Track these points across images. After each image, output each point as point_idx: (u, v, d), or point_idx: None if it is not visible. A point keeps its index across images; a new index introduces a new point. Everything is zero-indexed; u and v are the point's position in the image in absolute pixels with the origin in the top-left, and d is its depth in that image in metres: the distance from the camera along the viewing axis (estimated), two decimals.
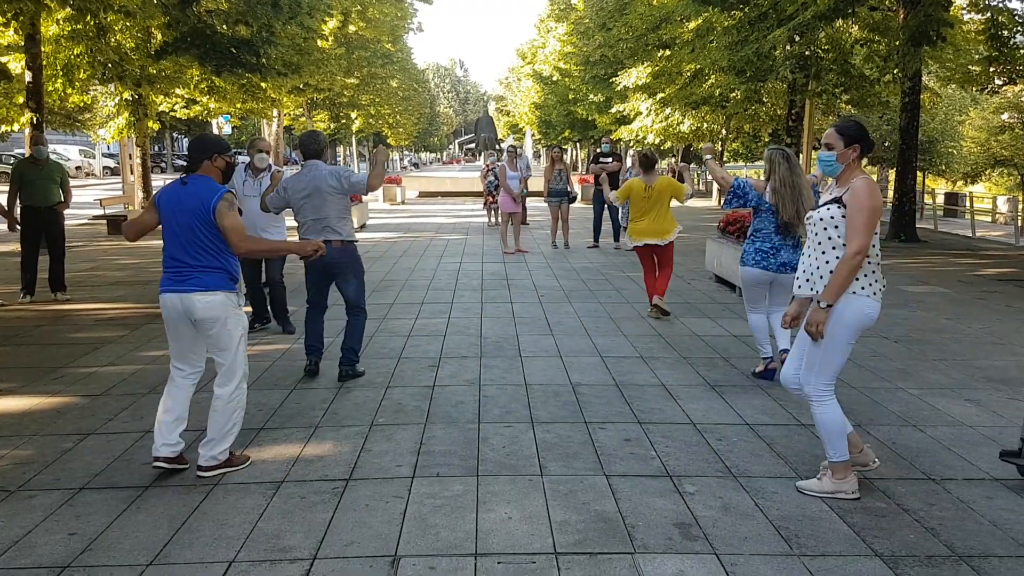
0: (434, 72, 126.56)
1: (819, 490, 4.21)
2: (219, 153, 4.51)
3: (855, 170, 4.12)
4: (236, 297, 4.49)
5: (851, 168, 4.12)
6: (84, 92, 18.91)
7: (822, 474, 4.27)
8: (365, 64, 39.85)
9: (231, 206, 4.37)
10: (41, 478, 4.42)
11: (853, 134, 4.09)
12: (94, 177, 48.96)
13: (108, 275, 11.88)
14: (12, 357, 7.07)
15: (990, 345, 7.68)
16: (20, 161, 9.83)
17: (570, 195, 15.24)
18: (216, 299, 4.37)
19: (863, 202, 3.95)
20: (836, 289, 4.00)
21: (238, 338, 4.47)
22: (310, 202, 6.09)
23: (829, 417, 4.15)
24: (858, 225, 3.95)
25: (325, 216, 6.08)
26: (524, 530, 3.81)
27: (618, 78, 25.56)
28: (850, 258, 3.95)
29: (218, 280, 4.40)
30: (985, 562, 3.54)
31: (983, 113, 39.67)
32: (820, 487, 4.21)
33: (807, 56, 17.90)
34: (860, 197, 3.97)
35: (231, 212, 4.36)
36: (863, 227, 3.94)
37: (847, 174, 4.12)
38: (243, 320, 4.53)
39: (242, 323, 4.51)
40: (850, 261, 3.95)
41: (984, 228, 22.27)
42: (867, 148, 4.12)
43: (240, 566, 3.48)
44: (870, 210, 3.95)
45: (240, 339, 4.49)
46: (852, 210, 3.98)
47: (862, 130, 4.13)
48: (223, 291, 4.40)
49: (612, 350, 7.30)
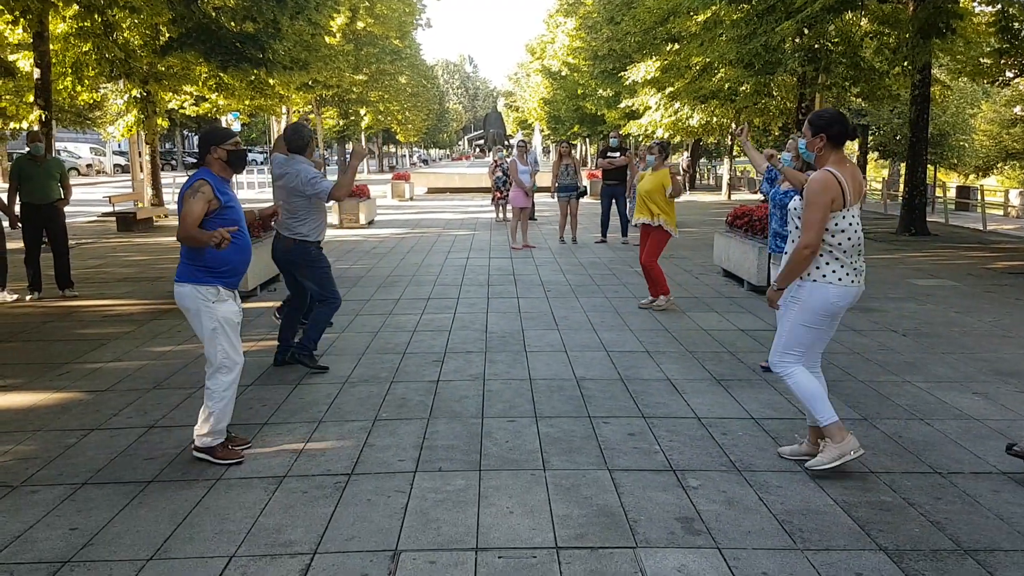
0: (443, 68, 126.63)
1: (827, 461, 4.31)
2: (216, 144, 4.50)
3: (828, 159, 4.29)
4: (210, 290, 4.43)
5: (825, 156, 4.31)
6: (93, 90, 18.96)
7: (823, 445, 4.38)
8: (374, 60, 39.78)
9: (194, 193, 4.36)
10: (44, 473, 4.43)
11: (819, 124, 4.28)
12: (105, 175, 49.16)
13: (116, 272, 11.91)
14: (19, 353, 7.09)
15: (999, 338, 7.61)
16: (19, 158, 9.83)
17: (579, 190, 15.23)
18: (184, 290, 4.46)
19: (811, 197, 4.17)
20: (786, 275, 4.30)
21: (210, 331, 4.45)
22: (280, 192, 6.34)
23: (800, 384, 4.37)
24: (807, 220, 4.18)
25: (286, 211, 6.26)
26: (525, 524, 3.79)
27: (627, 72, 25.45)
28: (799, 251, 4.20)
29: (188, 270, 4.44)
30: (991, 556, 3.51)
31: (995, 106, 39.38)
32: (825, 458, 4.32)
33: (816, 49, 17.77)
34: (810, 192, 4.20)
35: (192, 198, 4.35)
36: (811, 222, 4.16)
37: (821, 165, 4.31)
38: (217, 314, 4.45)
39: (216, 317, 4.44)
40: (799, 253, 4.20)
41: (996, 221, 22.10)
42: (835, 138, 4.28)
43: (240, 560, 3.47)
44: (816, 206, 4.14)
45: (213, 332, 4.45)
46: (804, 204, 4.23)
47: (831, 121, 4.28)
48: (190, 283, 4.43)
49: (617, 344, 7.27)
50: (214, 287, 4.45)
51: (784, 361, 4.42)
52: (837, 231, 4.20)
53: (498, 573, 3.36)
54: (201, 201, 4.37)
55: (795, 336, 4.36)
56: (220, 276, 4.47)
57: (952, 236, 17.91)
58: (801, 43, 17.38)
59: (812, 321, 4.31)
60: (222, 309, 4.47)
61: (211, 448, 4.53)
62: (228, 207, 4.50)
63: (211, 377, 4.52)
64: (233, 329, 4.54)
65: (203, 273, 4.43)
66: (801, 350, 4.39)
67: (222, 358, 4.49)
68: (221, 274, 4.47)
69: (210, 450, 4.52)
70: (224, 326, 4.48)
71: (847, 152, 4.69)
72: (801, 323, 4.32)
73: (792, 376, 4.39)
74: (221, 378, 4.51)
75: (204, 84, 20.65)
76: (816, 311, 4.28)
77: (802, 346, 4.39)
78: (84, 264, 12.43)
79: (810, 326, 4.32)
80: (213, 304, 4.45)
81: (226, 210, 4.49)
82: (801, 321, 4.32)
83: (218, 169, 4.53)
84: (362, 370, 6.48)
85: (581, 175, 15.99)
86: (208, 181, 4.43)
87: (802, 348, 4.39)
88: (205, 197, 4.39)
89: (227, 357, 4.51)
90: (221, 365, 4.50)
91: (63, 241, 9.88)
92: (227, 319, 4.49)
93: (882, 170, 43.73)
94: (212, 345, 4.48)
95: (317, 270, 6.46)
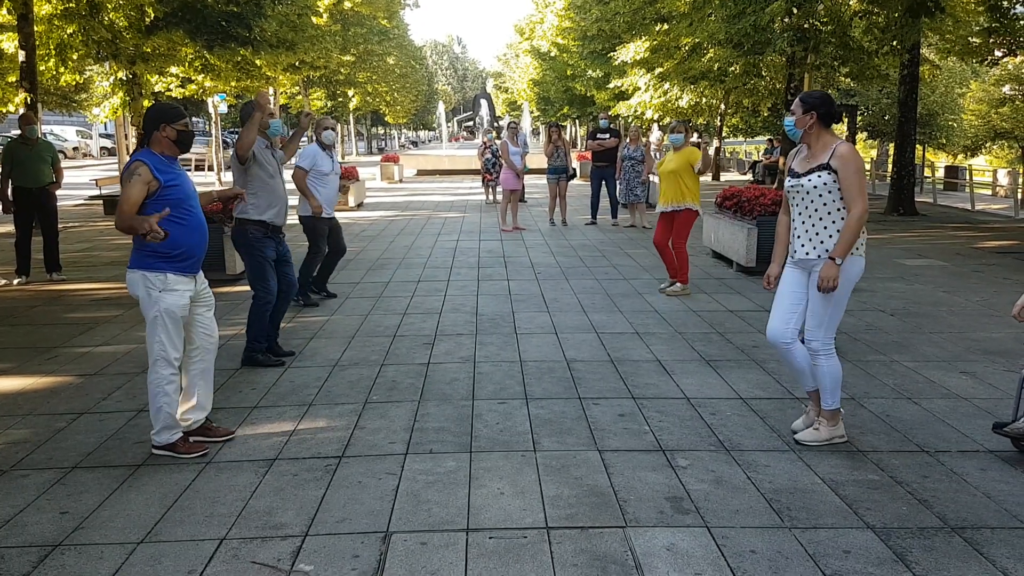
0: (432, 49, 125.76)
1: (817, 439, 4.52)
2: (166, 122, 4.29)
3: (824, 136, 4.38)
4: (158, 276, 4.24)
5: (815, 135, 4.39)
6: (78, 72, 18.78)
7: (818, 423, 4.56)
8: (361, 41, 39.57)
9: (131, 176, 4.16)
10: (34, 457, 4.42)
11: (811, 102, 4.36)
12: (91, 158, 48.80)
13: (104, 255, 11.84)
14: (7, 337, 7.06)
15: (987, 317, 7.66)
16: (11, 142, 9.76)
17: (568, 172, 15.20)
18: (133, 276, 4.29)
19: (857, 164, 4.27)
20: (846, 246, 4.26)
21: (151, 319, 4.28)
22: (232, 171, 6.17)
23: (835, 368, 4.45)
24: (857, 186, 4.25)
25: None
26: (516, 505, 3.80)
27: (616, 53, 25.36)
28: (858, 217, 4.23)
29: (138, 257, 4.27)
30: (978, 533, 3.54)
31: (984, 85, 39.42)
32: (818, 436, 4.53)
33: (805, 29, 17.70)
34: (852, 161, 4.26)
35: (128, 182, 4.16)
36: (861, 188, 4.25)
37: (815, 142, 4.39)
38: (161, 304, 4.24)
39: (159, 306, 4.24)
40: (859, 220, 4.23)
41: (984, 201, 22.18)
42: (826, 117, 4.38)
43: (231, 543, 3.48)
44: (859, 171, 4.26)
45: (153, 321, 4.27)
46: (847, 173, 4.25)
47: (823, 100, 4.39)
48: (140, 269, 4.25)
49: (608, 326, 7.29)
50: (163, 274, 4.24)
51: (831, 341, 4.45)
52: None
53: (489, 553, 3.38)
54: (138, 184, 4.15)
55: (836, 315, 4.43)
56: (172, 261, 4.27)
57: (940, 216, 17.98)
58: (790, 23, 17.32)
59: (850, 293, 4.43)
60: (167, 300, 4.26)
61: (171, 444, 4.38)
62: (171, 186, 4.26)
63: (150, 371, 4.35)
64: (175, 322, 4.31)
65: (153, 259, 4.24)
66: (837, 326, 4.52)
67: (159, 350, 4.30)
68: (173, 259, 4.27)
69: (170, 446, 4.38)
70: (165, 317, 4.27)
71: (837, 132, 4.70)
72: (845, 297, 4.40)
73: (833, 357, 4.44)
74: (160, 371, 4.31)
75: (190, 65, 20.48)
76: (853, 282, 4.38)
77: (839, 321, 4.49)
78: (72, 248, 12.36)
79: (845, 298, 4.42)
80: (159, 293, 4.25)
81: (169, 189, 4.25)
82: (845, 295, 4.39)
83: (163, 148, 4.31)
84: (352, 353, 6.47)
85: (571, 157, 15.95)
86: (145, 162, 4.20)
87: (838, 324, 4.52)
88: (143, 180, 4.16)
89: (163, 350, 4.30)
90: (158, 357, 4.30)
91: (53, 225, 9.82)
92: (169, 311, 4.28)
93: (871, 150, 43.81)
94: (151, 335, 4.31)
95: (250, 256, 6.09)
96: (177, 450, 4.39)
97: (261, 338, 6.16)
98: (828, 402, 4.49)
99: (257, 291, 6.09)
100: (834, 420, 4.52)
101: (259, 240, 6.06)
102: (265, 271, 6.09)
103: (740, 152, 46.77)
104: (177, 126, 4.32)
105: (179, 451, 4.39)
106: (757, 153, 36.22)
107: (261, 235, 6.07)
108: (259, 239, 6.06)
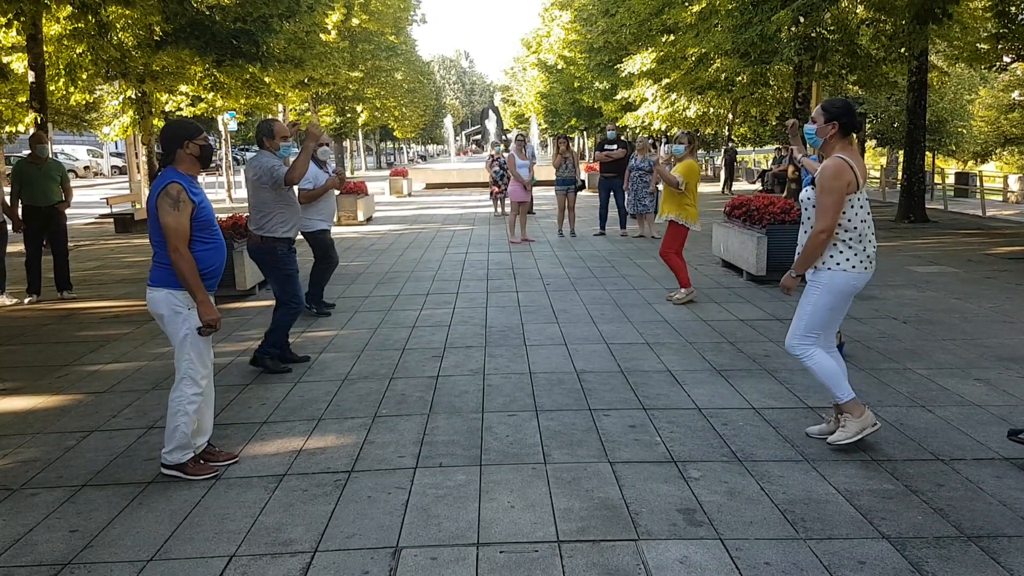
0: (439, 64, 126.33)
1: (849, 436, 4.46)
2: (189, 139, 4.28)
3: (836, 147, 4.39)
4: (186, 295, 4.21)
5: (832, 144, 4.40)
6: (87, 91, 18.90)
7: (843, 420, 4.51)
8: (369, 57, 39.73)
9: (174, 203, 4.11)
10: (44, 476, 4.42)
11: (834, 112, 4.38)
12: (102, 176, 49.11)
13: (114, 273, 11.89)
14: (18, 356, 7.08)
15: (999, 324, 7.59)
16: (20, 161, 9.83)
17: (577, 184, 15.21)
18: (158, 295, 4.23)
19: (826, 183, 4.28)
20: (803, 261, 4.44)
21: (181, 337, 4.25)
22: (248, 188, 6.33)
23: (820, 364, 4.47)
24: (823, 205, 4.29)
25: (252, 206, 6.28)
26: (527, 519, 3.77)
27: (623, 65, 25.40)
28: (815, 235, 4.32)
29: (163, 275, 4.22)
30: (994, 542, 3.49)
31: (993, 91, 39.32)
32: (847, 433, 4.47)
33: (812, 37, 17.70)
34: (824, 179, 4.30)
35: (171, 209, 4.10)
36: (827, 207, 4.28)
37: (828, 151, 4.42)
38: (189, 322, 4.23)
39: (188, 324, 4.23)
40: (815, 238, 4.33)
41: (995, 207, 22.05)
42: (848, 127, 4.40)
43: (241, 560, 3.46)
44: (831, 191, 4.26)
45: (183, 340, 4.24)
46: (819, 191, 4.32)
47: (845, 110, 4.40)
48: (165, 288, 4.21)
49: (617, 337, 7.26)
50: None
51: (803, 344, 4.51)
52: (852, 214, 4.33)
53: (500, 568, 3.35)
54: (185, 211, 4.13)
55: (816, 319, 4.47)
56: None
57: (951, 222, 17.88)
58: (797, 31, 17.31)
59: (835, 303, 4.45)
60: (196, 317, 4.26)
61: (181, 464, 4.34)
62: (201, 207, 4.24)
63: (175, 388, 4.31)
64: (204, 340, 4.34)
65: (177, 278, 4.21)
66: (819, 332, 4.52)
67: (187, 368, 4.29)
68: (201, 278, 4.24)
69: (180, 466, 4.34)
70: (195, 336, 4.28)
71: None
72: (824, 307, 4.44)
73: (812, 358, 4.48)
74: (185, 390, 4.28)
75: (199, 84, 20.59)
76: (837, 294, 4.41)
77: (821, 328, 4.51)
78: (82, 266, 12.41)
79: (831, 308, 4.46)
80: (189, 311, 4.25)
81: (200, 210, 4.24)
82: (824, 304, 4.43)
83: (187, 167, 4.30)
84: (361, 367, 6.46)
85: (579, 168, 15.95)
86: (180, 183, 4.18)
87: (820, 330, 4.52)
88: (188, 205, 4.16)
89: (192, 367, 4.29)
90: (185, 375, 4.29)
91: (63, 243, 9.88)
92: (192, 328, 4.27)
93: (880, 158, 43.66)
94: (180, 353, 4.29)
95: (280, 271, 6.39)
96: (187, 471, 4.35)
97: (278, 345, 6.44)
98: (838, 396, 4.50)
99: (290, 303, 6.44)
100: (857, 411, 4.48)
101: (286, 255, 6.40)
102: (296, 284, 6.48)
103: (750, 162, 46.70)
104: (199, 141, 4.33)
105: (188, 472, 4.35)
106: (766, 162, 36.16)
107: (287, 250, 6.39)
108: (286, 254, 6.40)
